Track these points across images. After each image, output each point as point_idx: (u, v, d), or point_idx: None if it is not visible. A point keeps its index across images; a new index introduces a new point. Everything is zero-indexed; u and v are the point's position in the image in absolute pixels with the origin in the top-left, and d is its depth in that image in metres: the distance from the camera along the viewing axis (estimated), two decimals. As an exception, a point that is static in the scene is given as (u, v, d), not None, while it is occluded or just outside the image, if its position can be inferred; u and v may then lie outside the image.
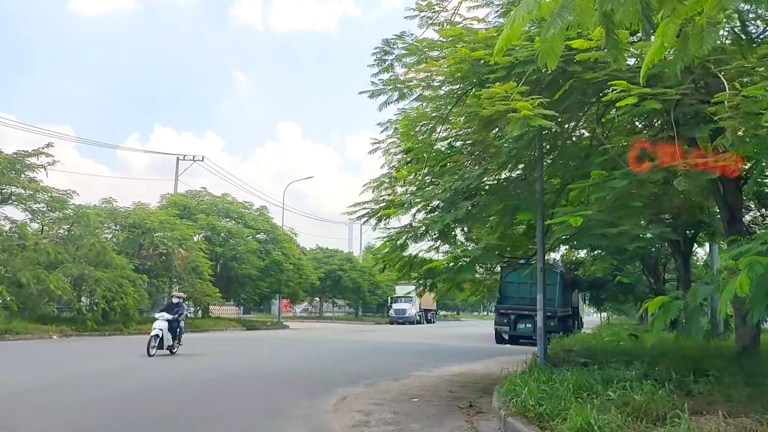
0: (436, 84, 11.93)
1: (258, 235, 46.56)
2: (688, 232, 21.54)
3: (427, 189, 11.93)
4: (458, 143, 12.69)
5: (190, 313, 40.02)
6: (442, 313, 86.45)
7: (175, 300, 18.94)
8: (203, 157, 48.72)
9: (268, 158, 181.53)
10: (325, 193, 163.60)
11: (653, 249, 26.94)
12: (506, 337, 30.06)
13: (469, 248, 11.32)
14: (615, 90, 8.34)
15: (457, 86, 11.35)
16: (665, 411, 6.71)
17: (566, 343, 17.89)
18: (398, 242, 11.70)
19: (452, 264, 11.19)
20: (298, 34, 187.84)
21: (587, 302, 46.50)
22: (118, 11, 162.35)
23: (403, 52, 12.35)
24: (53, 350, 19.73)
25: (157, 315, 18.10)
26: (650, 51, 5.23)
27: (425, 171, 12.43)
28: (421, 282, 13.21)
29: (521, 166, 12.61)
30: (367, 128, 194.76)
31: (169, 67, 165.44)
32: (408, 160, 13.14)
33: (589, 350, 14.54)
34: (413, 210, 12.06)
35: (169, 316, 17.62)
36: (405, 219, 12.54)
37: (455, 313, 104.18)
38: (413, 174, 12.82)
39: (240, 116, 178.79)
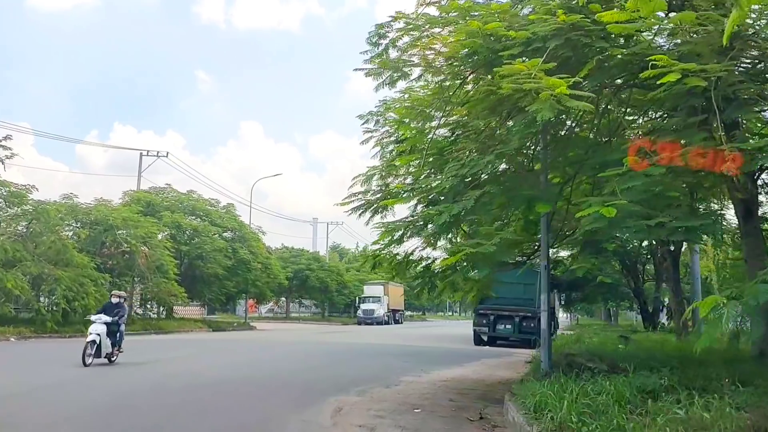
0: (438, 65, 10.95)
1: (225, 234, 45.08)
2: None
3: (428, 178, 10.99)
4: (459, 131, 11.74)
5: (153, 313, 38.64)
6: (408, 313, 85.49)
7: (114, 300, 16.33)
8: (167, 152, 47.02)
9: (230, 157, 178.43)
10: (288, 192, 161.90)
11: (636, 246, 26.36)
12: (485, 338, 29.33)
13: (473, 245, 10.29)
14: (654, 65, 7.42)
15: (462, 66, 10.41)
16: (733, 429, 5.81)
17: (560, 346, 17.07)
18: (395, 235, 10.71)
19: (457, 262, 10.19)
20: (261, 33, 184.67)
21: (562, 303, 45.89)
22: (78, 7, 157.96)
23: (399, 34, 11.35)
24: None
25: (93, 317, 15.63)
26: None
27: (423, 161, 11.48)
28: (419, 281, 12.25)
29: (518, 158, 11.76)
30: (331, 128, 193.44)
31: (130, 64, 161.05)
32: (403, 149, 12.17)
33: (591, 354, 13.66)
34: (413, 201, 11.10)
35: (108, 319, 15.30)
36: (401, 213, 11.62)
37: (421, 313, 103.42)
38: (409, 164, 11.86)
39: (202, 115, 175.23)
